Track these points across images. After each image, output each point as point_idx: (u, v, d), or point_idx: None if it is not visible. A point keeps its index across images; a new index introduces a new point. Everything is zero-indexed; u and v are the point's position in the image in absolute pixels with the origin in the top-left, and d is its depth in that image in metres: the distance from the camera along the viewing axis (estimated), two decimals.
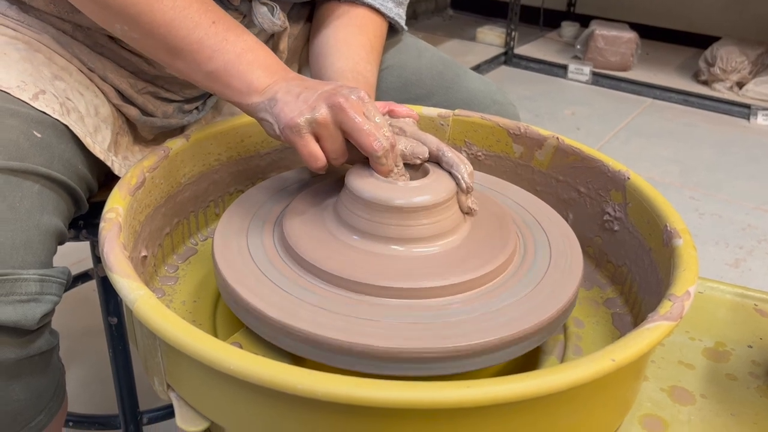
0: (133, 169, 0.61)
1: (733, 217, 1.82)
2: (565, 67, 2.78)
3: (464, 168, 0.59)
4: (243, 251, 0.57)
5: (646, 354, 0.45)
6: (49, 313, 0.57)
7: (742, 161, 2.15)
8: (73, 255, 1.40)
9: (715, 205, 1.88)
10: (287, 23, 0.77)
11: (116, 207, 0.56)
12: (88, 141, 0.64)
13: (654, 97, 2.63)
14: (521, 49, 2.95)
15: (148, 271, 0.64)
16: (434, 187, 0.57)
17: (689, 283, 0.51)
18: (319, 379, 0.39)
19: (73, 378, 1.20)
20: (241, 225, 0.61)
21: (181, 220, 0.70)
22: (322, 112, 0.56)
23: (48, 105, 0.61)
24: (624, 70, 2.75)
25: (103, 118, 0.69)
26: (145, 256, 0.62)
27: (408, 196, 0.56)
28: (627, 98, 2.63)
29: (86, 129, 0.65)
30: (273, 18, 0.73)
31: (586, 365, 0.42)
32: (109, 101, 0.72)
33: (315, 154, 0.57)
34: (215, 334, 0.60)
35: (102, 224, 0.54)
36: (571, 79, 2.77)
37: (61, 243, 0.61)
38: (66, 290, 0.60)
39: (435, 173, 0.59)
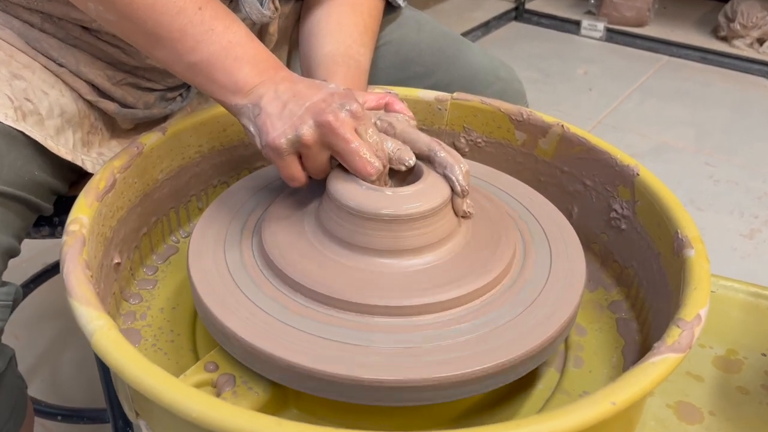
0: (102, 170, 0.57)
1: (749, 184, 1.76)
2: (578, 23, 2.67)
3: (458, 169, 0.54)
4: (219, 263, 0.53)
5: (651, 391, 0.41)
6: None
7: (760, 123, 2.07)
8: None
9: (730, 171, 1.81)
10: (278, 9, 0.71)
11: (80, 217, 0.52)
12: (50, 144, 0.60)
13: (670, 55, 2.53)
14: (533, 4, 2.84)
15: (123, 276, 0.60)
16: (425, 195, 0.52)
17: (700, 305, 0.46)
18: (287, 430, 0.36)
19: (67, 361, 1.18)
20: (219, 232, 0.57)
21: (159, 218, 0.66)
22: (307, 133, 0.51)
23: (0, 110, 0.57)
24: (640, 25, 2.64)
25: (68, 119, 0.65)
26: (119, 263, 0.58)
27: (396, 205, 0.51)
28: (642, 56, 2.53)
29: (46, 132, 0.61)
30: (262, 8, 0.67)
31: (584, 410, 0.38)
32: (82, 98, 0.67)
33: (295, 176, 0.53)
34: (194, 347, 0.57)
35: (64, 238, 0.50)
36: (584, 36, 2.66)
37: (12, 257, 0.58)
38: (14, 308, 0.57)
39: (427, 177, 0.54)
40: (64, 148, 0.62)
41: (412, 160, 0.54)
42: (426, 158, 0.56)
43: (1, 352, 0.57)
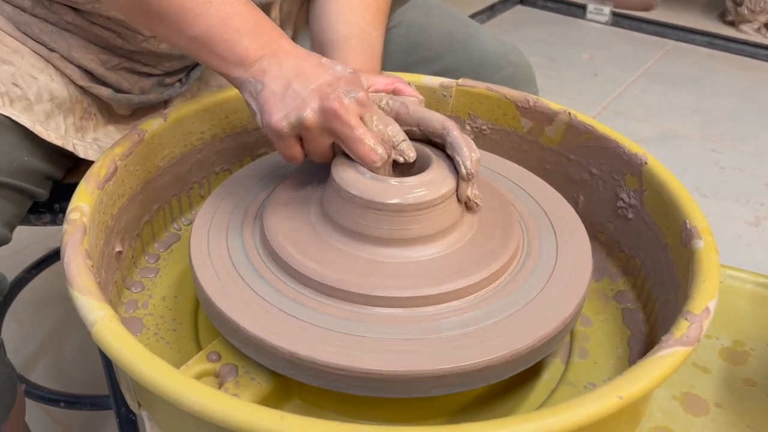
0: (103, 158, 0.56)
1: (755, 171, 1.74)
2: (583, 7, 2.64)
3: (467, 153, 0.52)
4: (222, 252, 0.53)
5: (659, 385, 0.41)
6: None
7: (767, 110, 2.05)
8: None
9: (736, 158, 1.80)
10: None
11: (80, 206, 0.51)
12: (38, 129, 0.60)
13: (677, 39, 2.50)
14: None
15: (125, 264, 0.60)
16: (431, 185, 0.51)
17: (709, 298, 0.46)
18: (291, 425, 0.36)
19: (70, 347, 1.18)
20: (221, 220, 0.56)
21: (161, 205, 0.65)
22: (310, 117, 0.50)
23: None
24: (646, 9, 2.61)
25: (59, 104, 0.64)
26: (120, 251, 0.58)
27: (402, 194, 0.51)
28: (648, 40, 2.51)
29: (35, 117, 0.60)
30: None
31: (590, 404, 0.38)
32: (74, 83, 0.66)
33: (295, 156, 0.53)
34: (196, 336, 0.57)
35: (65, 227, 0.49)
36: (590, 20, 2.63)
37: (3, 244, 0.58)
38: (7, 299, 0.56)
39: (434, 168, 0.53)
40: (54, 133, 0.61)
41: (411, 156, 0.53)
42: (439, 137, 0.54)
43: None
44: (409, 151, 0.53)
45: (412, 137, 0.56)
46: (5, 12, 0.63)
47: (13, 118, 0.58)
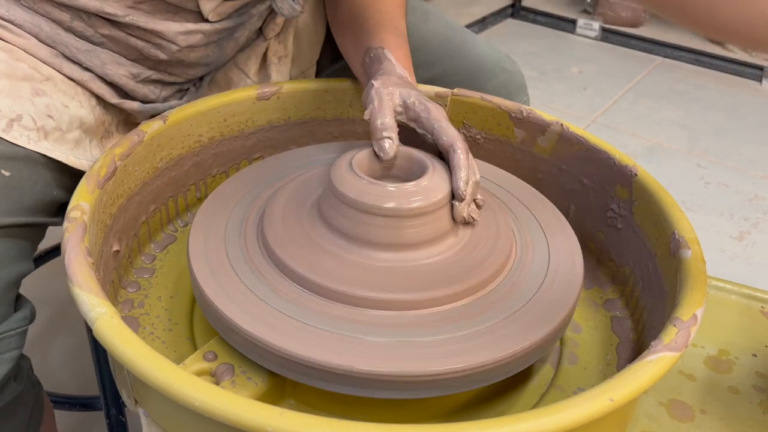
0: (103, 157, 0.57)
1: (739, 186, 1.77)
2: (573, 22, 2.68)
3: (464, 175, 0.54)
4: (219, 252, 0.53)
5: (647, 389, 0.42)
6: (11, 369, 0.54)
7: (751, 126, 2.09)
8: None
9: (721, 174, 1.83)
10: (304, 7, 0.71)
11: (81, 204, 0.51)
12: (71, 159, 0.60)
13: (664, 56, 2.54)
14: (529, 2, 2.84)
15: (122, 264, 0.60)
16: (426, 191, 0.52)
17: (696, 305, 0.47)
18: (291, 422, 0.36)
19: (58, 348, 1.18)
20: (219, 222, 0.57)
21: (158, 206, 0.66)
22: None
23: (22, 134, 0.57)
24: (635, 26, 2.65)
25: (86, 129, 0.64)
26: (118, 251, 0.58)
27: (398, 199, 0.52)
28: (637, 56, 2.54)
29: (67, 146, 0.61)
30: (293, 3, 0.67)
31: (582, 406, 0.39)
32: (100, 104, 0.67)
33: None
34: (192, 336, 0.57)
35: (65, 224, 0.50)
36: (580, 35, 2.67)
37: (25, 275, 0.58)
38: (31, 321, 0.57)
39: (431, 173, 0.54)
40: (83, 160, 0.62)
41: (390, 153, 0.54)
42: (445, 152, 0.56)
43: (19, 373, 0.57)
44: (390, 149, 0.54)
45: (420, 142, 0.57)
46: (43, 32, 0.62)
47: (48, 153, 0.58)
